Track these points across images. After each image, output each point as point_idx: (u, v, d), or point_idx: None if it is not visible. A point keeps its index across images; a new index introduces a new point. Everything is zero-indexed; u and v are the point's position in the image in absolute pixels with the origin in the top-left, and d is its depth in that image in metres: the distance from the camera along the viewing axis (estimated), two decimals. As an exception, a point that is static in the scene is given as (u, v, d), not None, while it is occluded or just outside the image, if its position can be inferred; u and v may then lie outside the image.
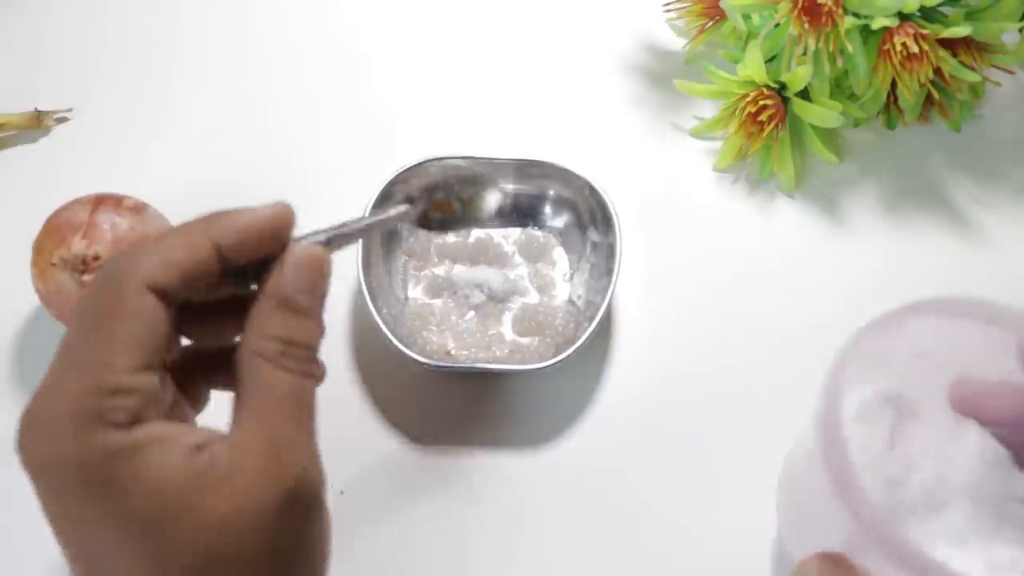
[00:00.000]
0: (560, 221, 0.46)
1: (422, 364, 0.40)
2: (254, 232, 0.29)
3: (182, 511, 0.26)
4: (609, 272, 0.42)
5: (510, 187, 0.46)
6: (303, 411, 0.29)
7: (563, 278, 0.45)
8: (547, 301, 0.44)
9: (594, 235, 0.45)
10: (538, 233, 0.46)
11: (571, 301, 0.44)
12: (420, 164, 0.44)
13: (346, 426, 0.42)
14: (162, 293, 0.28)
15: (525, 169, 0.45)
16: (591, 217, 0.45)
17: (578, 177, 0.44)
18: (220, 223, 0.29)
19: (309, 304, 0.30)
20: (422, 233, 0.45)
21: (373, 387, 0.43)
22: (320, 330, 0.30)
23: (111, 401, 0.27)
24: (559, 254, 0.46)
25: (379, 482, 0.41)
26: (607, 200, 0.43)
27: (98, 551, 0.27)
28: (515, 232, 0.46)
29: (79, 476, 0.26)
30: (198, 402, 0.33)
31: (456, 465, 0.42)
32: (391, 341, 0.40)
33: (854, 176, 0.50)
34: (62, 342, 0.28)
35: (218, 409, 0.31)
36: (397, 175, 0.44)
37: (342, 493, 0.41)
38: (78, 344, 0.28)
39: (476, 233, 0.46)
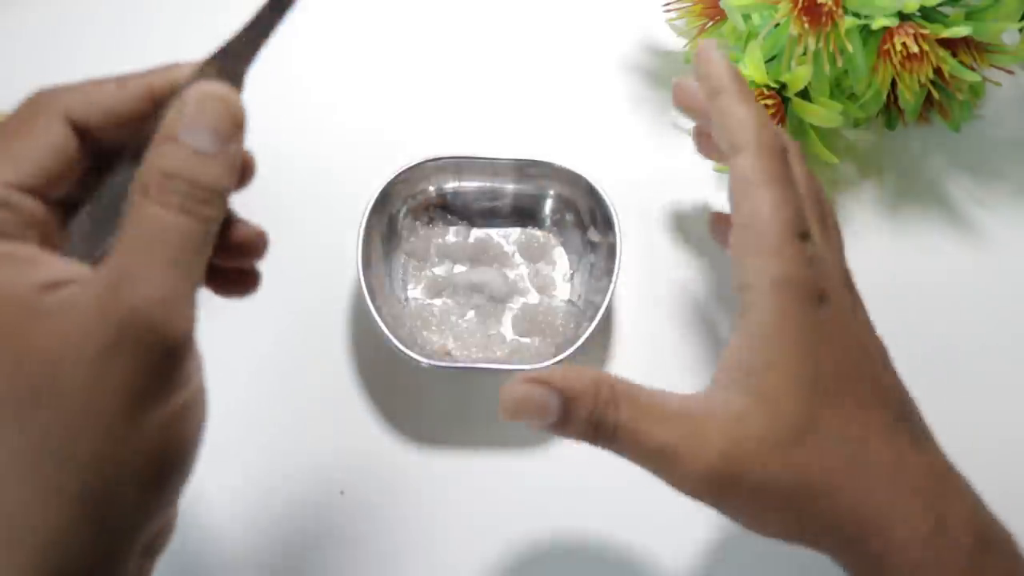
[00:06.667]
0: (560, 221, 0.46)
1: (422, 364, 0.40)
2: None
3: (16, 330, 0.24)
4: (609, 272, 0.42)
5: (510, 187, 0.46)
6: (169, 248, 0.25)
7: (563, 278, 0.45)
8: (547, 301, 0.44)
9: (594, 235, 0.45)
10: (538, 233, 0.46)
11: (571, 301, 0.44)
12: (420, 164, 0.44)
13: (346, 426, 0.42)
14: (82, 128, 0.27)
15: (525, 169, 0.45)
16: (591, 217, 0.45)
17: (578, 177, 0.44)
18: (165, 70, 0.29)
19: (209, 146, 0.27)
20: (422, 233, 0.46)
21: (373, 387, 0.43)
22: (223, 174, 0.27)
23: None
24: (559, 254, 0.46)
25: (379, 482, 0.41)
26: (607, 200, 0.43)
27: None
28: (515, 232, 0.46)
29: None
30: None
31: (456, 465, 0.42)
32: (391, 341, 0.40)
33: (854, 176, 0.50)
34: None
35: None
36: (397, 175, 0.44)
37: (342, 493, 0.41)
38: None
39: (476, 233, 0.46)
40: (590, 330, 0.41)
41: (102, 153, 0.29)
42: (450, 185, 0.46)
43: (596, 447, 0.32)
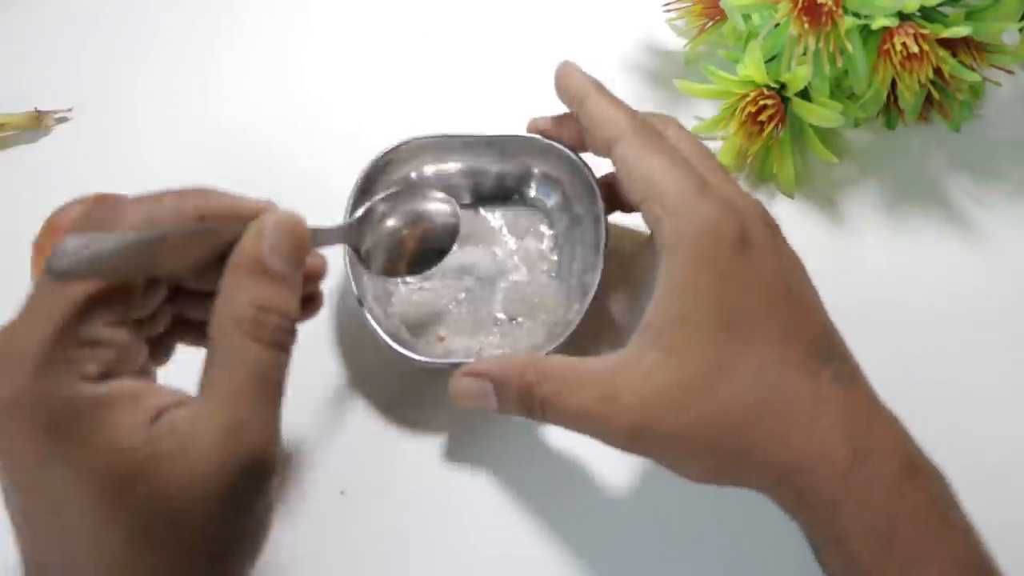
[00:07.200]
0: (545, 197, 0.46)
1: (420, 363, 0.40)
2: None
3: (139, 474, 0.26)
4: (596, 246, 0.42)
5: (493, 167, 0.46)
6: (270, 388, 0.29)
7: (551, 253, 0.45)
8: (536, 278, 0.44)
9: (579, 208, 0.44)
10: (523, 209, 0.46)
11: (561, 278, 0.44)
12: (396, 147, 0.44)
13: (346, 426, 0.42)
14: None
15: (507, 146, 0.45)
16: (575, 191, 0.44)
17: (560, 151, 0.43)
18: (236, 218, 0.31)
19: (285, 269, 0.29)
20: None
21: (372, 387, 0.43)
22: (296, 300, 0.30)
23: (83, 352, 0.27)
24: (545, 229, 0.46)
25: (379, 482, 0.41)
26: (589, 173, 0.43)
27: (49, 499, 0.27)
28: (500, 210, 0.46)
29: (41, 419, 0.26)
30: (163, 356, 0.34)
31: (456, 464, 0.42)
32: (386, 341, 0.40)
33: (854, 176, 0.50)
34: (34, 288, 0.28)
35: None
36: (376, 160, 0.43)
37: (342, 493, 0.41)
38: (52, 292, 0.28)
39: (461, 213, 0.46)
40: (581, 314, 0.40)
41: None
42: (431, 168, 0.45)
43: (534, 421, 0.35)
